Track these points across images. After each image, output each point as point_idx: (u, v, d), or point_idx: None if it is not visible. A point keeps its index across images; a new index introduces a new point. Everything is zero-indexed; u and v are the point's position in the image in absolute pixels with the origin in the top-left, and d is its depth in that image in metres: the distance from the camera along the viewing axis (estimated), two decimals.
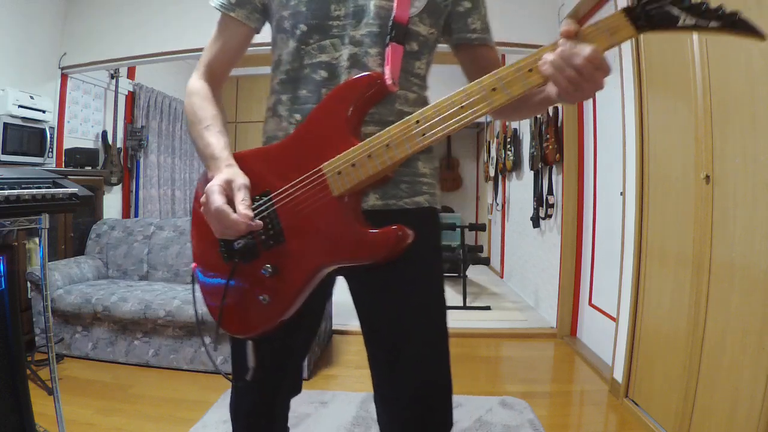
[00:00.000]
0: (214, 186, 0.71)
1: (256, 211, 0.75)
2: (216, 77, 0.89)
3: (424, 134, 0.68)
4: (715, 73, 1.53)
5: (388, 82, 0.74)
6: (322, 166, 0.73)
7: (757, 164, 1.35)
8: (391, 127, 0.70)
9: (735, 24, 0.56)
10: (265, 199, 0.77)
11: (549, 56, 0.63)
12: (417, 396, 0.80)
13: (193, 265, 0.88)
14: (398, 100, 0.79)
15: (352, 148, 0.71)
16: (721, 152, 1.51)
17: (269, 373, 0.88)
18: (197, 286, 0.88)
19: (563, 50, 0.62)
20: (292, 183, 0.76)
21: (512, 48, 2.87)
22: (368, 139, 0.71)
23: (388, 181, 0.78)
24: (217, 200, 0.69)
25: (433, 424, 0.82)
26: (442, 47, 0.91)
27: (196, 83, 0.87)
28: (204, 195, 0.72)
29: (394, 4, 0.77)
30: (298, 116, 0.81)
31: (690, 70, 1.64)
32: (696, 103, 1.61)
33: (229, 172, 0.74)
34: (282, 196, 0.76)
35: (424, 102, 0.85)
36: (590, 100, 2.92)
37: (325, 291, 0.92)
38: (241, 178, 0.73)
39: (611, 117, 2.54)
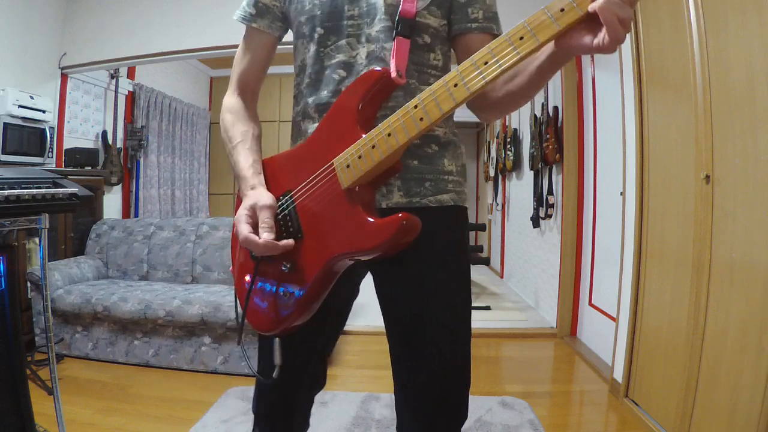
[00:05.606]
0: (241, 216, 0.76)
1: (278, 211, 0.79)
2: (249, 90, 0.93)
3: (421, 118, 0.66)
4: (715, 73, 1.53)
5: (393, 75, 0.73)
6: (333, 160, 0.75)
7: (757, 164, 1.35)
8: (391, 116, 0.70)
9: None
10: (286, 198, 0.80)
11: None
12: (432, 384, 0.81)
13: (231, 268, 0.92)
14: (417, 91, 0.80)
15: (358, 140, 0.72)
16: (721, 152, 1.50)
17: (293, 372, 0.89)
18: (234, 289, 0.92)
19: None
20: (308, 180, 0.78)
21: None
22: (372, 130, 0.71)
23: (397, 172, 0.77)
24: (244, 230, 0.75)
25: (446, 412, 0.82)
26: None
27: (230, 100, 0.91)
28: (234, 224, 0.77)
29: None
30: (320, 117, 0.83)
31: (690, 69, 1.64)
32: (696, 103, 1.61)
33: (253, 195, 0.78)
34: (300, 193, 0.79)
35: None
36: (590, 100, 2.92)
37: (350, 290, 0.93)
38: (263, 199, 0.77)
39: (611, 117, 2.54)
